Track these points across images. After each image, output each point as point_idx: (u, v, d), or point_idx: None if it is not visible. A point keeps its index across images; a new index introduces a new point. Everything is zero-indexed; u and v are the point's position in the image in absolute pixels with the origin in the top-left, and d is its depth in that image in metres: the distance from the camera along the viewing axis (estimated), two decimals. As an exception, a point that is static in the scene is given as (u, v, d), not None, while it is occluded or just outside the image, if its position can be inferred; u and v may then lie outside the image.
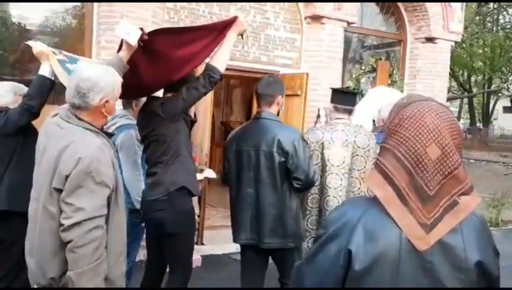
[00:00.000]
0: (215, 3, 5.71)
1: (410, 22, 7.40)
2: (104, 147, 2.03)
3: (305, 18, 6.29)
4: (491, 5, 20.84)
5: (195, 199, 4.05)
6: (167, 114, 2.77)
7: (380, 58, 7.04)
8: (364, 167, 3.07)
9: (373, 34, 7.54)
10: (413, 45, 7.48)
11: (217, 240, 5.50)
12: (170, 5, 5.41)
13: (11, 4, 5.04)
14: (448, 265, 1.11)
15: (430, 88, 7.34)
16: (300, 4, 6.28)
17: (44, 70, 2.86)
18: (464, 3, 7.67)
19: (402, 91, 6.15)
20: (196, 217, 4.40)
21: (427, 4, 7.06)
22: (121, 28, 2.44)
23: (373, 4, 7.21)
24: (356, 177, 3.08)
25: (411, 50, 7.51)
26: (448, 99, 20.51)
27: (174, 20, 5.45)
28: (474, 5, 18.67)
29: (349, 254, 1.13)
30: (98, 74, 2.02)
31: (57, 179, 1.92)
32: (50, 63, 2.87)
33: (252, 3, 5.97)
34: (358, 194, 3.07)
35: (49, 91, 2.94)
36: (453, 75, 23.01)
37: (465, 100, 26.73)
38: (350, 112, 3.20)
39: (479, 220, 1.19)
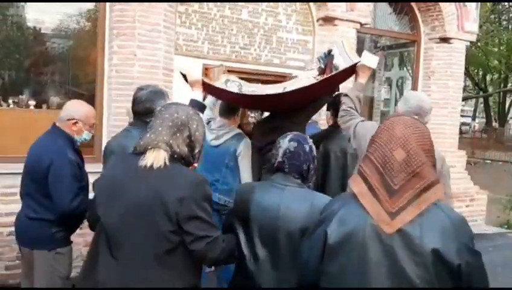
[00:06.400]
0: (227, 6, 5.72)
1: (424, 22, 7.32)
2: None
3: (317, 20, 6.26)
4: (506, 2, 20.53)
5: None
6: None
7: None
8: None
9: (386, 35, 7.48)
10: (427, 45, 7.39)
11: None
12: (182, 9, 5.43)
13: (26, 8, 5.10)
14: (406, 249, 1.37)
15: (445, 88, 7.25)
16: (312, 6, 6.26)
17: (197, 96, 3.12)
18: (479, 2, 7.55)
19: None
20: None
21: (441, 4, 6.97)
22: (366, 58, 2.82)
23: (386, 4, 7.16)
24: None
25: (425, 50, 7.42)
26: (464, 99, 20.24)
27: (186, 25, 5.46)
28: (489, 3, 18.40)
29: (326, 233, 1.50)
30: (427, 97, 2.54)
31: None
32: (200, 89, 3.16)
33: (264, 6, 5.96)
34: None
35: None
36: (468, 74, 22.71)
37: (481, 99, 26.38)
38: None
39: (450, 220, 1.39)
